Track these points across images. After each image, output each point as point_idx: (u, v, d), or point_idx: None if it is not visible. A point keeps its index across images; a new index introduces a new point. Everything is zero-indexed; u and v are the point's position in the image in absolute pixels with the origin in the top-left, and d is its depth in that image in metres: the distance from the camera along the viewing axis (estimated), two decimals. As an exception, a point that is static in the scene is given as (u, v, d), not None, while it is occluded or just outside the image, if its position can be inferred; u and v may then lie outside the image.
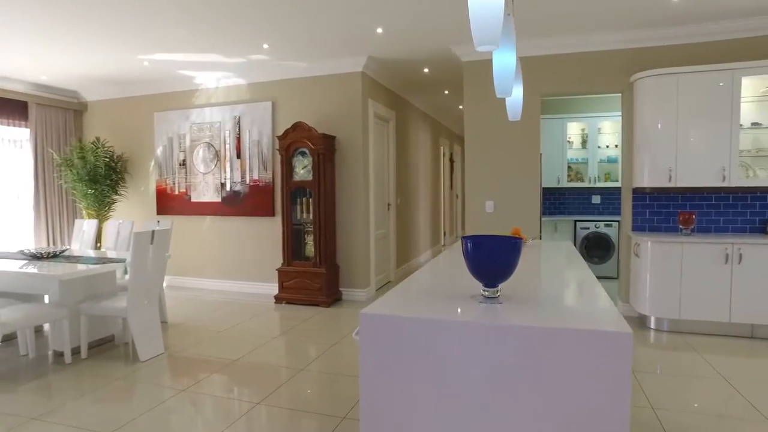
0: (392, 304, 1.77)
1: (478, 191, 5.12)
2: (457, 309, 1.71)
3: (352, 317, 4.81)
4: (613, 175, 6.88)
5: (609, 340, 1.44)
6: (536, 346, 1.49)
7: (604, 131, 6.89)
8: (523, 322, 1.53)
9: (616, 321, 1.53)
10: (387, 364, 1.64)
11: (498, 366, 1.53)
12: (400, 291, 2.00)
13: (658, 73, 4.34)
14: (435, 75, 6.13)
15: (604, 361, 1.44)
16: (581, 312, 1.70)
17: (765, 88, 4.26)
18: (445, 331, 1.59)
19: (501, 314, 1.64)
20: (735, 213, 4.50)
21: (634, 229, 4.76)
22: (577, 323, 1.51)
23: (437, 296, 1.90)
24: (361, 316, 1.66)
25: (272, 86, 5.74)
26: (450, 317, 1.61)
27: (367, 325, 1.66)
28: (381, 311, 1.66)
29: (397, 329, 1.63)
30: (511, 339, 1.52)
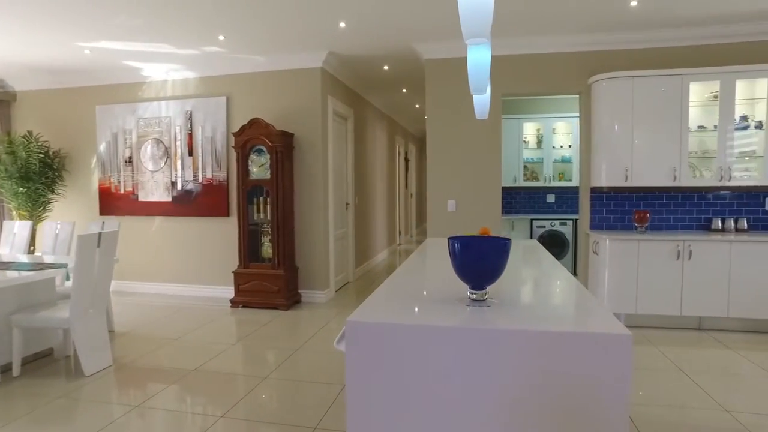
0: (377, 310, 1.67)
1: (439, 190, 5.10)
2: (450, 314, 1.62)
3: (312, 320, 4.66)
4: (567, 175, 7.07)
5: (609, 343, 1.41)
6: (536, 351, 1.44)
7: (558, 132, 7.06)
8: (523, 327, 1.47)
9: (612, 323, 1.50)
10: (377, 374, 1.54)
11: (496, 372, 1.46)
12: (381, 295, 1.90)
13: (615, 76, 4.46)
14: (394, 73, 6.06)
15: (604, 364, 1.41)
16: (574, 314, 1.67)
17: (709, 94, 4.48)
18: (440, 338, 1.50)
19: (497, 318, 1.57)
20: (683, 211, 4.71)
21: (592, 227, 4.88)
22: (576, 326, 1.48)
23: (422, 300, 1.81)
24: (348, 324, 1.55)
25: (227, 80, 5.48)
26: (445, 323, 1.52)
27: (354, 334, 1.55)
28: (368, 318, 1.56)
29: (388, 337, 1.53)
30: (511, 344, 1.46)
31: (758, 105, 4.40)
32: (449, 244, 1.78)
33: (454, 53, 4.93)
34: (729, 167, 4.33)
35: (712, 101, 4.43)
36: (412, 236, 12.05)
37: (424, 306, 1.72)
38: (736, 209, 4.63)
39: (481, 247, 1.71)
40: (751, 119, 4.40)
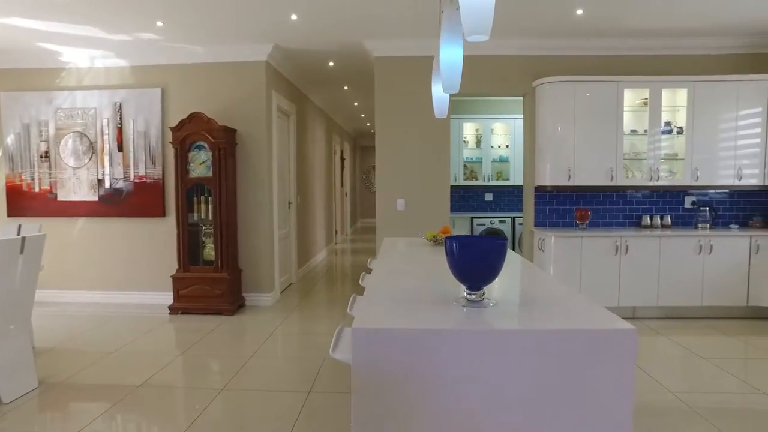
0: (379, 315, 1.60)
1: (389, 189, 5.07)
2: (454, 316, 1.59)
3: (261, 324, 4.45)
4: (505, 174, 7.33)
5: (616, 338, 1.44)
6: (547, 349, 1.44)
7: (496, 132, 7.29)
8: (535, 327, 1.47)
9: (613, 318, 1.54)
10: (386, 381, 1.46)
11: (508, 373, 1.44)
12: (372, 299, 1.82)
13: (558, 80, 4.67)
14: (339, 69, 5.95)
15: (610, 359, 1.44)
16: (574, 312, 1.68)
17: (639, 101, 4.82)
18: (452, 341, 1.45)
19: (504, 320, 1.56)
20: (618, 209, 5.04)
21: (536, 225, 5.08)
22: (583, 323, 1.49)
23: (417, 302, 1.76)
24: (354, 331, 1.45)
25: (162, 71, 5.08)
26: (458, 326, 1.48)
27: (363, 341, 1.46)
28: (377, 324, 1.48)
29: (398, 342, 1.45)
30: (523, 344, 1.44)
31: (679, 112, 4.80)
32: (446, 243, 1.74)
33: (405, 52, 4.92)
34: (657, 168, 4.69)
35: (642, 107, 4.77)
36: (347, 235, 11.97)
37: (423, 308, 1.68)
38: (661, 207, 5.03)
39: (481, 247, 1.69)
40: (674, 125, 4.80)
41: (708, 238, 4.49)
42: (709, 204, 4.98)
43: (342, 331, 1.86)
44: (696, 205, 4.99)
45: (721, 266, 4.50)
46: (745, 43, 4.82)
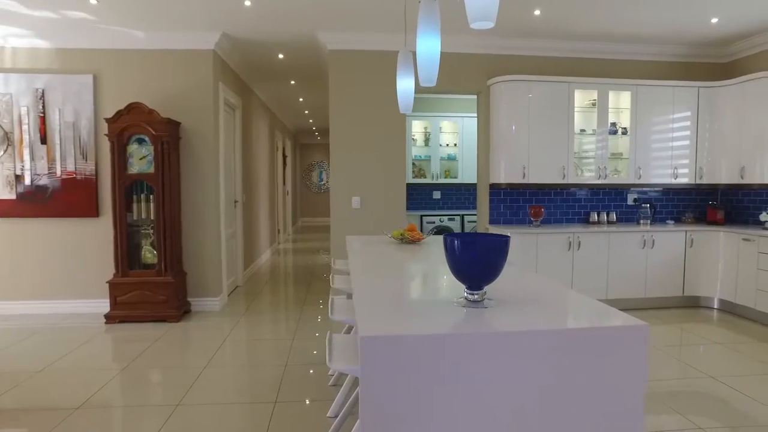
0: (386, 321, 1.47)
1: (344, 186, 4.92)
2: (463, 318, 1.50)
3: (211, 331, 4.15)
4: (453, 172, 7.39)
5: (628, 334, 1.44)
6: (564, 349, 1.40)
7: (445, 130, 7.34)
8: (546, 326, 1.42)
9: (622, 315, 1.53)
10: (398, 390, 1.34)
11: (521, 375, 1.38)
12: (367, 302, 1.69)
13: (513, 79, 4.74)
14: (289, 62, 5.71)
15: (623, 354, 1.43)
16: (578, 309, 1.64)
17: (588, 101, 5.01)
18: (467, 345, 1.36)
19: (515, 320, 1.49)
20: (567, 206, 5.21)
21: (491, 222, 5.14)
22: (593, 321, 1.47)
23: (415, 305, 1.66)
24: (363, 341, 1.31)
25: (94, 55, 4.61)
26: (473, 329, 1.39)
27: (375, 351, 1.32)
28: (387, 331, 1.34)
29: (411, 350, 1.33)
30: (537, 345, 1.39)
31: (623, 114, 5.03)
32: (447, 241, 1.65)
33: (361, 45, 4.78)
34: (605, 167, 4.89)
35: (590, 108, 4.95)
36: (289, 235, 11.64)
37: (426, 311, 1.58)
38: (607, 204, 5.25)
39: (484, 244, 1.60)
40: (619, 126, 5.03)
41: (651, 233, 4.74)
42: (649, 201, 5.27)
43: (332, 339, 1.71)
44: (638, 202, 5.26)
45: (662, 259, 4.76)
46: (680, 51, 5.15)
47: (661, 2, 3.92)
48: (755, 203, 4.99)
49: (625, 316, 1.52)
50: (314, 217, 15.01)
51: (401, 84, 3.41)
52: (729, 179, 4.87)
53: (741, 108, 4.75)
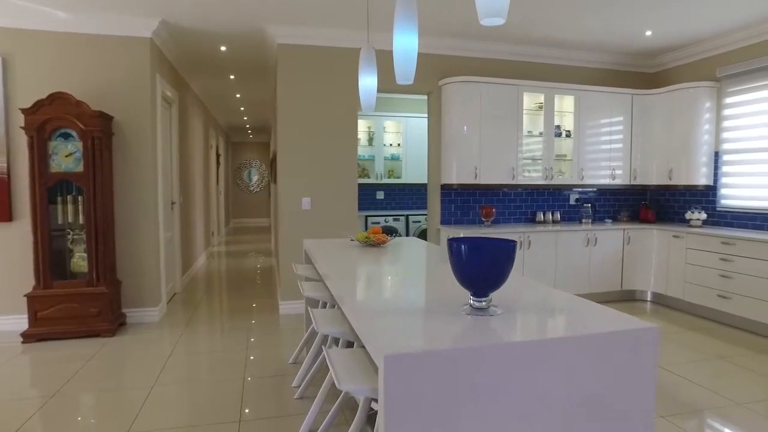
0: (401, 335, 1.36)
1: (293, 187, 4.71)
2: (477, 328, 1.43)
3: (154, 345, 3.79)
4: (396, 172, 7.37)
5: (641, 336, 1.46)
6: (583, 354, 1.39)
7: (388, 130, 7.29)
8: (567, 333, 1.40)
9: (630, 318, 1.56)
10: (422, 409, 1.24)
11: (542, 383, 1.35)
12: (367, 314, 1.57)
13: (464, 80, 4.77)
14: (231, 55, 5.39)
15: (636, 356, 1.45)
16: (583, 314, 1.63)
17: (534, 104, 5.16)
18: (493, 357, 1.29)
19: (529, 328, 1.45)
20: (515, 206, 5.34)
21: (442, 223, 5.14)
22: (607, 326, 1.47)
23: (420, 314, 1.58)
24: (387, 359, 1.20)
25: (4, 35, 4.05)
26: (504, 339, 1.32)
27: (398, 369, 1.21)
28: (410, 348, 1.24)
29: (440, 366, 1.24)
30: (558, 352, 1.36)
31: (566, 117, 5.24)
32: (452, 246, 1.57)
33: (313, 41, 4.60)
34: (551, 168, 5.06)
35: (537, 111, 5.10)
36: (222, 237, 11.08)
37: (437, 321, 1.50)
38: (551, 203, 5.45)
39: (492, 250, 1.54)
40: (563, 128, 5.23)
41: (593, 232, 4.97)
42: (588, 201, 5.53)
43: (332, 356, 1.57)
44: (579, 201, 5.51)
45: (603, 256, 5.01)
46: (617, 60, 5.45)
47: (606, 13, 4.11)
48: (680, 203, 5.39)
49: (634, 319, 1.53)
50: (247, 219, 14.44)
51: (364, 81, 3.29)
52: (659, 180, 5.22)
53: (669, 115, 5.11)
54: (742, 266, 4.16)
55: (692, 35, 4.75)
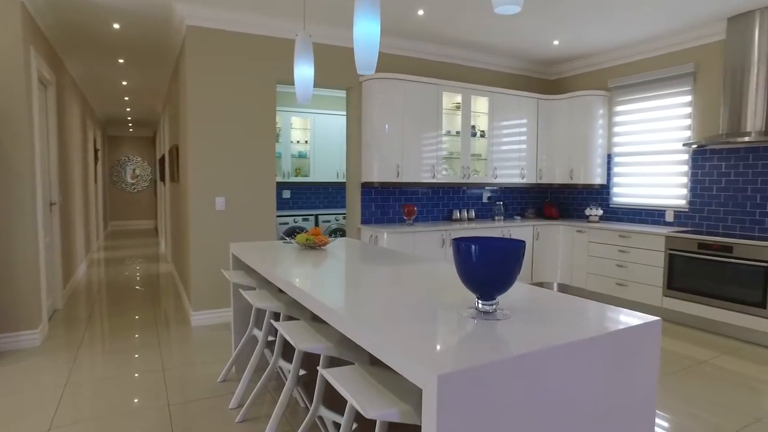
0: (432, 350, 1.22)
1: (205, 186, 4.28)
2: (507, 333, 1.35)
3: (39, 375, 3.16)
4: (304, 170, 7.10)
5: (647, 330, 1.50)
6: (598, 354, 1.39)
7: (295, 126, 7.00)
8: (588, 334, 1.39)
9: (631, 313, 1.59)
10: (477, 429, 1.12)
11: (571, 385, 1.33)
12: (370, 325, 1.41)
13: (386, 77, 4.70)
14: (125, 35, 4.74)
15: (642, 349, 1.49)
16: (585, 312, 1.62)
17: (452, 104, 5.26)
18: (538, 365, 1.22)
19: (547, 331, 1.40)
20: (433, 204, 5.40)
21: (363, 222, 5.03)
22: (618, 323, 1.49)
23: (429, 322, 1.46)
24: (441, 379, 1.06)
25: None
26: (543, 345, 1.24)
27: (450, 389, 1.07)
28: (460, 364, 1.11)
29: (485, 379, 1.13)
30: (580, 353, 1.34)
31: (480, 118, 5.43)
32: (461, 246, 1.48)
33: (228, 25, 4.20)
34: (468, 167, 5.20)
35: (455, 111, 5.21)
36: (101, 242, 9.84)
37: (450, 329, 1.38)
38: (466, 202, 5.61)
39: (503, 250, 1.47)
40: (478, 128, 5.41)
41: (508, 228, 5.21)
42: (499, 198, 5.79)
43: (340, 380, 1.37)
44: (491, 199, 5.74)
45: (515, 252, 5.27)
46: (525, 66, 5.77)
47: (522, 20, 4.30)
48: (578, 200, 5.88)
49: (635, 314, 1.56)
50: (128, 221, 13.03)
51: (300, 71, 3.07)
52: (562, 180, 5.64)
53: (569, 119, 5.53)
54: (635, 256, 4.63)
55: (590, 48, 5.18)
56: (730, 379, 3.18)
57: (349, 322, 1.40)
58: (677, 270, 4.33)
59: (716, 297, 4.06)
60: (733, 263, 3.94)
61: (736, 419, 2.64)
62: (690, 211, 4.75)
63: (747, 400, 2.88)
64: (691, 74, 4.70)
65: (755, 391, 3.02)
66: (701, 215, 4.66)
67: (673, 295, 4.35)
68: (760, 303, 3.80)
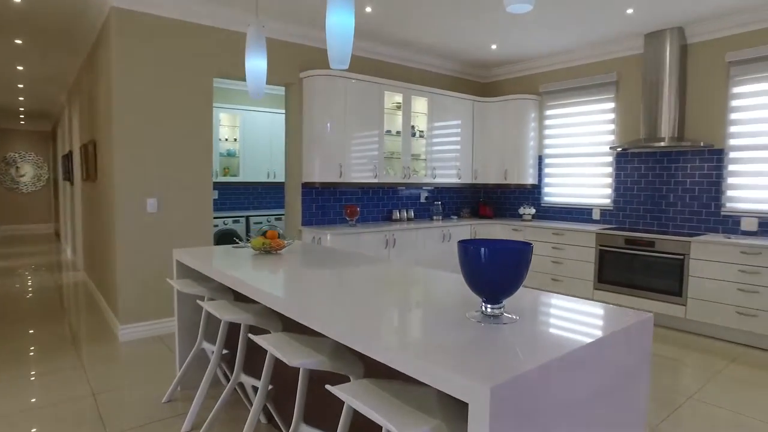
0: (467, 360, 1.17)
1: (133, 186, 3.88)
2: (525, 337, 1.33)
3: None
4: (233, 170, 6.75)
5: (642, 325, 1.54)
6: (610, 351, 1.40)
7: (223, 123, 6.62)
8: (602, 333, 1.39)
9: (623, 310, 1.64)
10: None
11: (587, 384, 1.33)
12: (384, 336, 1.34)
13: (329, 74, 4.56)
14: (27, 11, 4.16)
15: (639, 343, 1.55)
16: (582, 311, 1.65)
17: (392, 104, 5.24)
18: (564, 366, 1.20)
19: (560, 334, 1.41)
20: (373, 205, 5.35)
21: (304, 224, 4.85)
22: (619, 322, 1.52)
23: (441, 328, 1.41)
24: (494, 390, 1.00)
25: None
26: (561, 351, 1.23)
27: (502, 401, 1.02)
28: (509, 374, 1.06)
29: (529, 386, 1.09)
30: (596, 353, 1.37)
31: (419, 118, 5.46)
32: (469, 250, 1.45)
33: (161, 10, 3.83)
34: (409, 167, 5.21)
35: (395, 110, 5.19)
36: (-12, 250, 8.65)
37: (463, 335, 1.34)
38: (405, 202, 5.62)
39: (512, 252, 1.44)
40: (417, 129, 5.43)
41: (448, 228, 5.29)
42: (437, 198, 5.87)
43: (364, 401, 1.26)
44: (428, 199, 5.80)
45: (456, 250, 5.37)
46: (461, 69, 5.90)
47: (463, 22, 4.38)
48: (510, 200, 6.13)
49: (628, 311, 1.61)
50: (19, 225, 11.59)
51: (252, 64, 2.88)
52: (496, 180, 5.84)
53: (503, 121, 5.75)
54: (568, 253, 4.91)
55: (525, 53, 5.41)
56: (655, 362, 3.46)
57: (372, 341, 1.29)
58: (606, 264, 4.65)
59: (641, 288, 4.41)
60: (655, 257, 4.31)
61: (664, 398, 2.87)
62: (614, 210, 5.12)
63: (673, 380, 3.15)
64: (614, 83, 5.07)
65: (677, 371, 3.30)
66: (624, 213, 5.05)
67: (603, 288, 4.67)
68: (677, 292, 4.18)
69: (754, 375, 3.29)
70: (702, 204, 4.51)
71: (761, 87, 4.17)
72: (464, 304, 1.67)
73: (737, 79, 4.29)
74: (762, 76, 4.15)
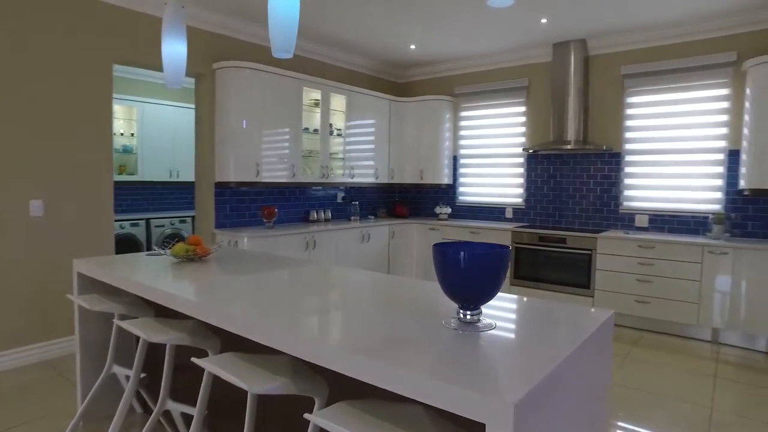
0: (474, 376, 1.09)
1: (13, 185, 3.31)
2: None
3: None
4: (131, 168, 6.12)
5: (607, 321, 1.57)
6: (594, 347, 1.44)
7: (118, 116, 5.97)
8: (585, 334, 1.39)
9: (588, 308, 1.67)
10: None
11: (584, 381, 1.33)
12: (371, 354, 1.23)
13: (245, 66, 4.27)
14: None
15: (605, 338, 1.58)
16: (557, 313, 1.66)
17: (310, 101, 5.05)
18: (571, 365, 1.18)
19: (547, 336, 1.40)
20: (290, 205, 5.12)
21: (217, 226, 4.50)
22: (595, 318, 1.55)
23: (417, 339, 1.33)
24: (517, 407, 0.93)
25: None
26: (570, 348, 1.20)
27: (525, 416, 0.95)
28: (527, 385, 1.00)
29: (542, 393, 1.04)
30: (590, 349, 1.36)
31: (337, 116, 5.33)
32: (446, 254, 1.38)
33: (41, -19, 3.30)
34: (327, 166, 5.06)
35: (313, 107, 5.01)
36: None
37: (465, 347, 1.28)
38: (322, 202, 5.46)
39: (491, 256, 1.41)
40: (335, 127, 5.29)
41: (366, 228, 5.22)
42: (354, 198, 5.78)
43: (360, 426, 1.14)
44: (345, 199, 5.69)
45: (375, 250, 5.33)
46: (380, 68, 5.86)
47: (387, 21, 4.34)
48: (426, 199, 6.22)
49: (592, 308, 1.64)
50: None
51: (169, 48, 2.58)
52: (412, 179, 5.88)
53: (419, 122, 5.81)
54: (484, 251, 5.07)
55: (441, 55, 5.50)
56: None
57: (349, 358, 1.16)
58: (521, 261, 4.88)
59: (553, 282, 4.69)
60: (566, 252, 4.60)
61: (597, 389, 3.05)
62: (526, 208, 5.40)
63: (596, 370, 3.37)
64: (525, 88, 5.34)
65: (598, 361, 3.55)
66: (535, 211, 5.34)
67: (518, 284, 4.89)
68: (586, 285, 4.51)
69: (654, 355, 3.62)
70: (603, 203, 4.91)
71: (650, 98, 4.64)
72: (435, 311, 1.60)
73: (631, 90, 4.73)
74: (651, 88, 4.62)
